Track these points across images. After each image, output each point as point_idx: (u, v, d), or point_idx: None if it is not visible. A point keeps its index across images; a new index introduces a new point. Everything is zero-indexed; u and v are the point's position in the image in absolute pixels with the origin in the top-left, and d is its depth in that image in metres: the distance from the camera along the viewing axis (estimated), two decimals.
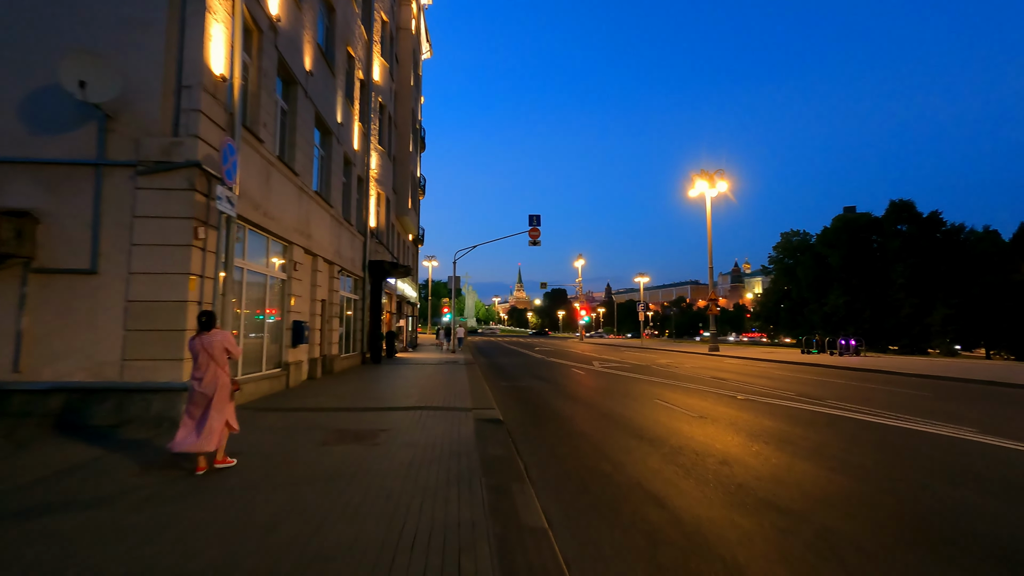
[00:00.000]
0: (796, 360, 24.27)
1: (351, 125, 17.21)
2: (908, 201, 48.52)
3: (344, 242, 16.33)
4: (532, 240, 27.83)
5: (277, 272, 10.97)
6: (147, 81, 7.14)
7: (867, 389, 13.60)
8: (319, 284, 13.60)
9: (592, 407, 10.12)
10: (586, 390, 12.96)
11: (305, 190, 12.17)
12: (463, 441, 6.49)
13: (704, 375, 17.01)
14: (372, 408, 8.85)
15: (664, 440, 7.14)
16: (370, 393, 10.86)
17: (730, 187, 31.44)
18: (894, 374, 17.90)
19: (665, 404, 10.43)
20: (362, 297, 19.01)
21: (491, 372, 18.00)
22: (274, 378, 10.53)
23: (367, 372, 15.58)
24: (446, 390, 11.40)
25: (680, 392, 12.40)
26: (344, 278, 17.19)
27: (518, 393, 12.32)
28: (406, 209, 28.39)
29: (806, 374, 18.02)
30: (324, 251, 13.88)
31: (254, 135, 9.23)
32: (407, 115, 28.78)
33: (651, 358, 26.79)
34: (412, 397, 10.22)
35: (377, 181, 21.10)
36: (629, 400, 11.02)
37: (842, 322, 46.67)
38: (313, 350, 13.29)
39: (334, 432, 6.83)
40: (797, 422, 8.62)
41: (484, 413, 8.58)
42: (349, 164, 17.27)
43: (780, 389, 13.15)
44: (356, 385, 12.21)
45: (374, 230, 20.61)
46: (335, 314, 15.21)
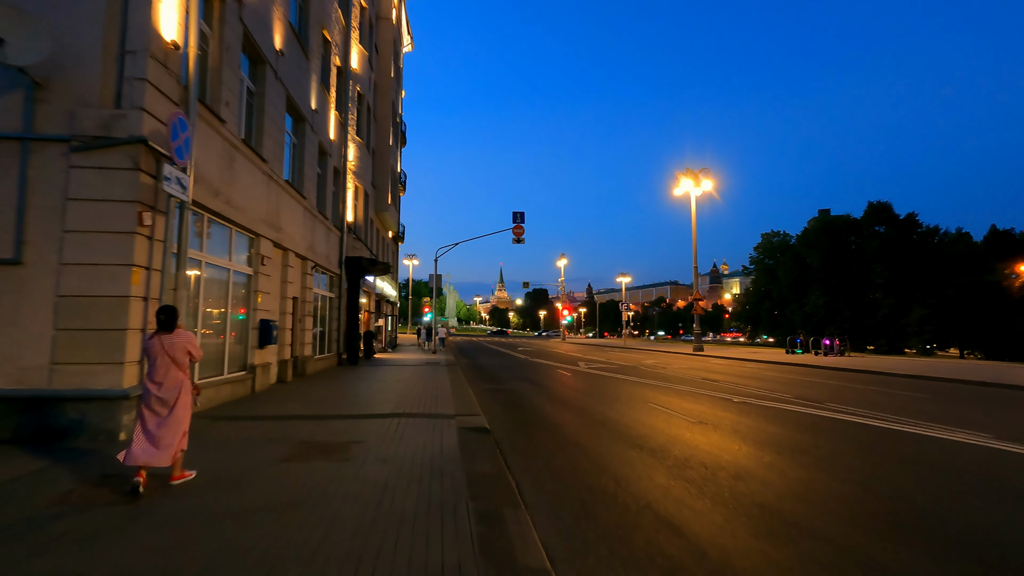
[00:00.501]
0: (782, 360, 24.08)
1: (327, 113, 16.29)
2: (886, 203, 49.26)
3: (319, 236, 15.41)
4: (516, 238, 27.15)
5: (242, 266, 10.06)
6: (84, 44, 6.24)
7: (863, 391, 13.25)
8: (290, 280, 12.69)
9: (584, 412, 9.47)
10: (575, 393, 12.32)
11: (275, 179, 11.27)
12: (446, 455, 5.76)
13: (693, 376, 16.54)
14: (344, 416, 8.05)
15: (667, 450, 6.51)
16: (344, 398, 10.04)
17: (715, 186, 31.25)
18: (883, 374, 17.70)
19: (660, 408, 9.84)
20: (338, 295, 18.08)
21: (474, 374, 17.27)
22: (237, 382, 9.63)
23: (343, 374, 14.70)
24: (427, 394, 10.64)
25: (673, 395, 11.84)
26: (319, 275, 16.26)
27: (504, 397, 11.62)
28: (386, 205, 27.44)
29: (796, 375, 17.71)
30: (296, 245, 12.98)
31: (214, 114, 8.35)
32: (387, 107, 27.83)
33: (636, 358, 26.34)
34: (389, 402, 9.43)
35: (355, 174, 20.16)
36: (621, 404, 10.41)
37: (822, 322, 47.09)
38: (283, 351, 12.39)
39: (299, 445, 6.03)
40: (803, 428, 8.09)
41: (468, 420, 7.86)
42: (324, 154, 16.34)
43: (774, 391, 12.71)
44: (329, 389, 11.36)
45: (351, 225, 19.67)
46: (308, 313, 14.30)
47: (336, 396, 10.26)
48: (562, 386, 13.80)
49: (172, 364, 4.55)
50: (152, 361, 4.54)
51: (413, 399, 9.89)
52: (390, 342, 32.64)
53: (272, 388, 11.05)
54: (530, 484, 5.13)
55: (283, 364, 12.31)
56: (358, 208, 21.37)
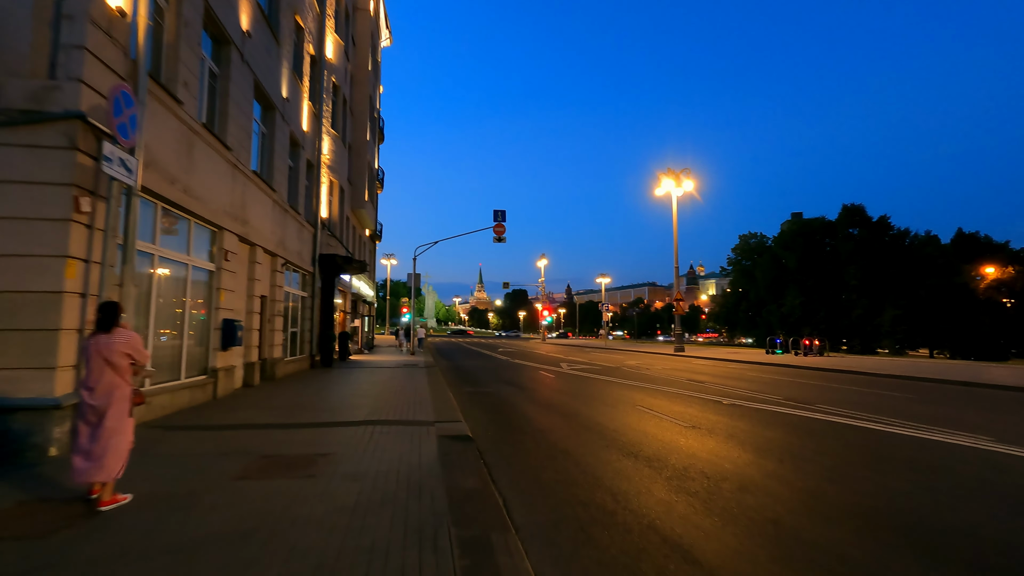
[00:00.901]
0: (763, 361, 24.06)
1: (299, 103, 15.51)
2: (859, 205, 50.24)
3: (290, 232, 14.63)
4: (497, 236, 26.59)
5: (203, 262, 9.30)
6: (12, 5, 5.49)
7: (849, 391, 13.08)
8: (258, 278, 11.92)
9: (571, 417, 8.98)
10: (560, 396, 11.84)
11: (241, 169, 10.51)
12: (425, 468, 5.20)
13: (678, 377, 16.24)
14: (313, 424, 7.39)
15: (663, 459, 6.06)
16: (314, 403, 9.35)
17: (696, 186, 31.23)
18: (866, 375, 17.69)
19: (650, 412, 9.42)
20: (311, 294, 17.27)
21: (454, 376, 16.66)
22: (197, 387, 8.87)
23: (315, 378, 13.95)
24: (404, 398, 10.02)
25: (661, 397, 11.46)
26: (290, 273, 15.47)
27: (485, 400, 11.07)
28: (362, 202, 26.61)
29: (780, 375, 17.57)
30: (264, 240, 12.21)
31: (170, 94, 7.61)
32: (364, 101, 27.01)
33: (618, 359, 26.06)
34: (363, 408, 8.79)
35: (330, 168, 19.36)
36: (609, 407, 9.96)
37: (799, 322, 47.75)
38: (250, 353, 11.61)
39: (259, 460, 5.38)
40: (799, 432, 7.75)
41: (449, 427, 7.29)
42: (297, 146, 15.55)
43: (762, 392, 12.44)
44: (299, 394, 10.64)
45: (326, 222, 18.87)
46: (278, 312, 13.51)
47: (306, 401, 9.57)
48: (546, 388, 13.31)
49: (107, 367, 3.97)
50: (87, 364, 3.98)
51: (389, 404, 9.27)
52: (367, 343, 31.74)
53: (237, 393, 10.28)
54: (519, 502, 4.61)
55: (250, 367, 11.53)
56: (333, 204, 20.56)
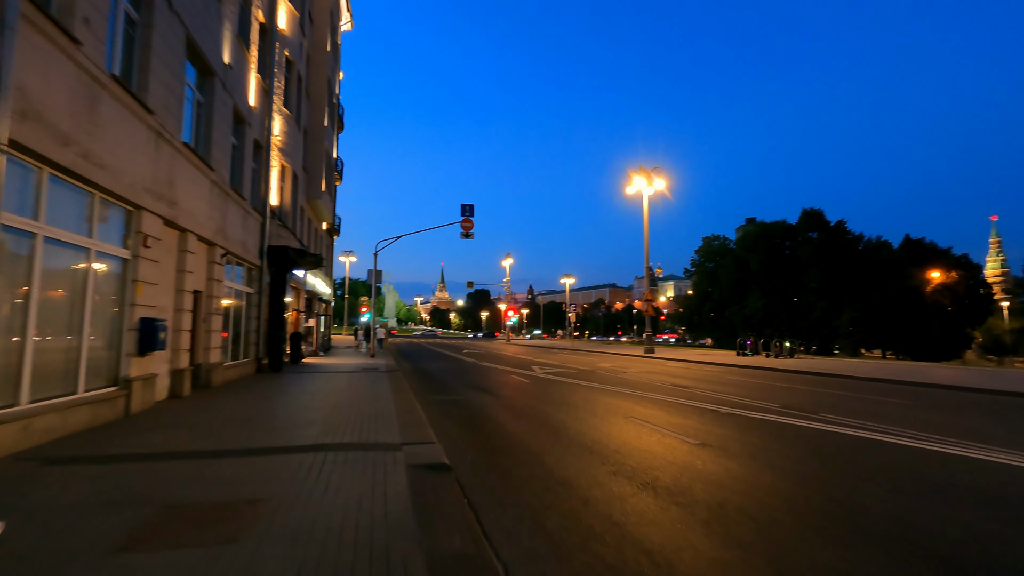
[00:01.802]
0: (737, 363, 23.63)
1: (245, 73, 13.70)
2: (818, 210, 51.53)
3: (232, 219, 12.83)
4: (464, 232, 25.20)
5: (112, 247, 7.57)
6: None
7: (843, 397, 12.45)
8: (190, 270, 10.16)
9: (560, 432, 7.76)
10: (541, 405, 10.61)
11: (167, 138, 8.79)
12: (393, 519, 3.84)
13: (659, 382, 15.34)
14: (247, 450, 5.87)
15: (687, 492, 4.92)
16: (254, 420, 7.76)
17: (667, 185, 30.76)
18: (845, 377, 17.30)
19: (647, 424, 8.33)
20: (258, 291, 15.43)
21: (419, 381, 15.20)
22: (103, 402, 7.15)
23: (261, 384, 12.22)
24: (364, 411, 8.56)
25: (651, 406, 10.42)
26: (233, 266, 13.65)
27: (458, 412, 9.72)
28: (319, 192, 24.67)
29: (762, 379, 16.96)
30: (199, 226, 10.46)
31: (64, 30, 5.93)
32: (322, 84, 25.09)
33: (590, 361, 25.13)
34: (314, 425, 7.30)
35: (282, 151, 17.50)
36: (599, 419, 8.81)
37: (761, 324, 48.46)
38: (179, 358, 9.85)
39: (160, 513, 3.89)
40: (826, 451, 6.80)
41: (421, 452, 5.93)
42: (242, 122, 13.74)
43: (754, 398, 11.62)
44: (237, 406, 8.99)
45: (276, 210, 17.02)
46: (217, 310, 11.73)
47: (244, 417, 7.96)
48: (523, 395, 12.07)
49: None
50: None
51: (347, 419, 7.80)
52: (323, 344, 29.68)
53: (159, 408, 8.55)
54: (527, 572, 3.33)
55: (178, 374, 9.77)
56: (285, 191, 18.69)
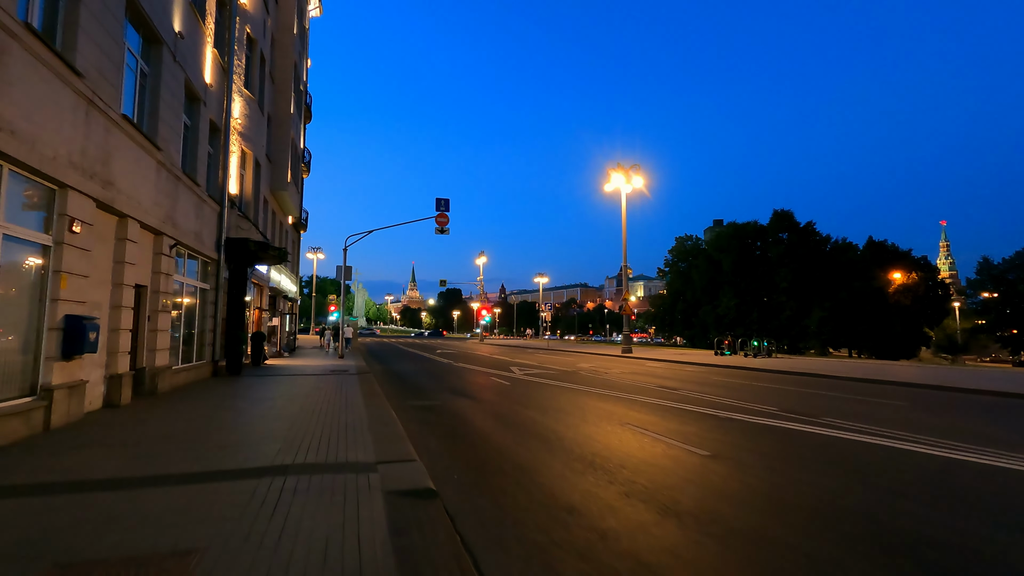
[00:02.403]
0: (717, 363, 23.34)
1: (200, 46, 12.43)
2: (788, 211, 52.44)
3: (184, 207, 11.57)
4: (439, 227, 24.19)
5: (28, 231, 6.39)
6: None
7: (836, 399, 12.06)
8: (131, 261, 8.94)
9: (554, 444, 6.96)
10: (527, 411, 9.79)
11: (100, 107, 7.60)
12: (369, 571, 2.95)
13: (645, 383, 14.74)
14: (187, 476, 4.84)
15: (719, 518, 4.18)
16: (202, 434, 6.68)
17: (645, 183, 30.40)
18: (831, 378, 17.04)
19: (647, 433, 7.61)
20: (215, 286, 14.12)
21: (393, 384, 14.19)
22: (13, 416, 5.97)
23: (215, 390, 11.03)
24: (332, 421, 7.56)
25: (644, 410, 9.74)
26: (186, 259, 12.38)
27: (438, 420, 8.81)
28: (284, 183, 23.25)
29: (749, 380, 16.57)
30: (142, 212, 9.24)
31: None
32: (288, 68, 23.66)
33: (568, 361, 24.49)
34: (273, 440, 6.29)
35: (243, 136, 16.18)
36: (593, 427, 8.05)
37: (733, 323, 48.92)
38: (116, 362, 8.62)
39: (52, 574, 2.90)
40: (849, 462, 6.20)
41: (400, 473, 5.03)
42: (196, 100, 12.46)
43: (750, 401, 11.10)
44: (184, 418, 7.84)
45: (236, 199, 15.69)
46: (164, 307, 10.49)
47: (190, 430, 6.87)
48: (506, 400, 11.22)
49: None
50: None
51: (312, 431, 6.80)
52: (288, 345, 28.18)
53: (89, 420, 7.37)
54: None
55: (115, 380, 8.55)
56: (246, 180, 17.33)
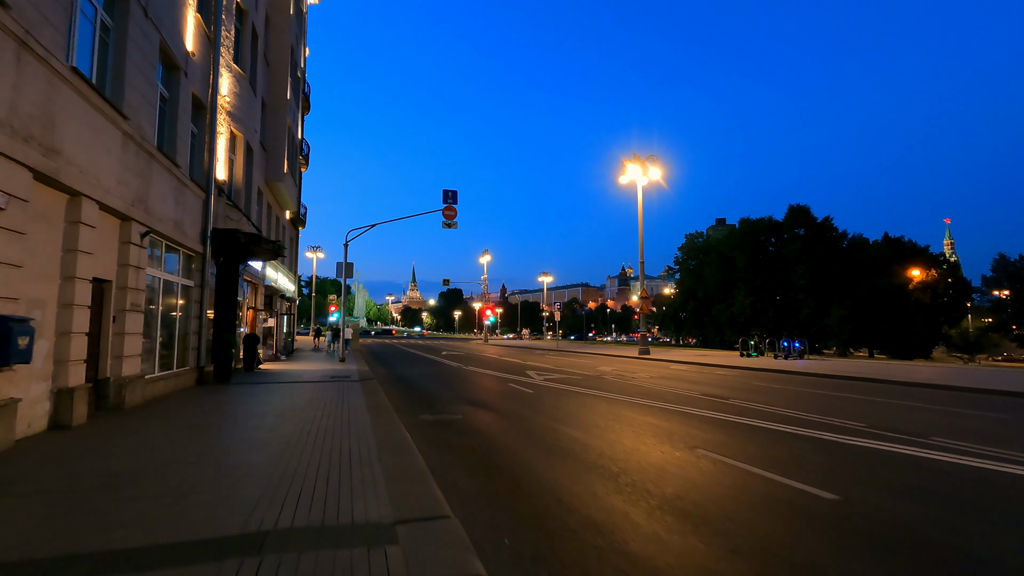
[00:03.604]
0: (746, 365, 21.64)
1: (179, 7, 10.82)
2: (805, 206, 50.69)
3: (161, 190, 9.97)
4: (447, 221, 22.57)
5: None
6: None
7: (925, 411, 10.43)
8: (87, 250, 7.33)
9: (620, 480, 5.32)
10: (563, 427, 8.14)
11: (36, 52, 5.99)
12: None
13: (684, 391, 13.11)
14: (110, 557, 3.19)
15: None
16: (158, 473, 5.02)
17: (663, 174, 28.78)
18: (895, 383, 15.23)
19: (725, 460, 5.98)
20: (200, 283, 12.52)
21: (400, 393, 12.58)
22: None
23: (196, 403, 9.41)
24: (332, 446, 5.93)
25: (706, 428, 8.11)
26: (167, 253, 10.79)
27: (461, 442, 7.18)
28: (281, 173, 21.64)
29: (795, 385, 14.92)
30: (102, 191, 7.63)
31: None
32: (284, 52, 22.07)
33: (585, 364, 22.87)
34: (253, 482, 4.64)
35: (232, 116, 14.58)
36: (657, 452, 6.43)
37: (748, 322, 47.29)
38: (66, 372, 7.00)
39: None
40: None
41: (429, 544, 3.40)
42: (175, 68, 10.87)
43: (823, 415, 9.47)
44: (144, 444, 6.19)
45: (224, 186, 14.08)
46: (135, 306, 8.89)
47: (148, 464, 5.23)
48: (534, 413, 9.59)
49: None
50: None
51: (306, 464, 5.17)
52: (285, 347, 26.55)
53: (21, 448, 5.74)
54: None
55: (65, 395, 6.93)
56: (236, 166, 15.73)
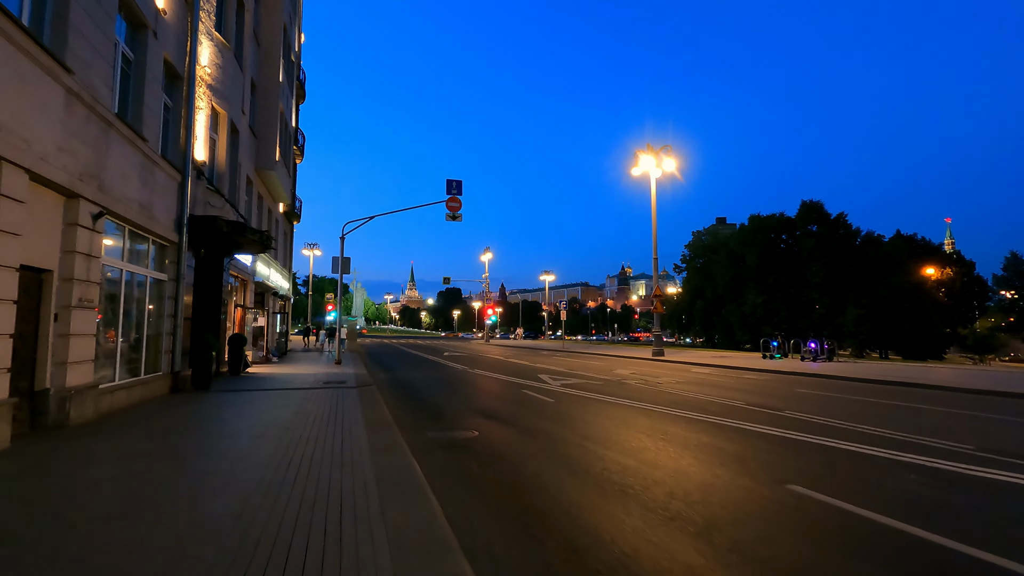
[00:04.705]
0: (774, 368, 20.05)
1: None
2: (818, 202, 49.14)
3: (120, 164, 8.43)
4: (451, 213, 21.06)
5: None
6: None
7: (1007, 424, 8.96)
8: (12, 230, 5.80)
9: (711, 540, 3.81)
10: (606, 451, 6.62)
11: None
12: None
13: (723, 399, 11.60)
14: None
15: None
16: (70, 539, 3.47)
17: (677, 166, 27.28)
18: (951, 390, 13.65)
19: (848, 510, 4.49)
20: (175, 277, 11.00)
21: (403, 402, 11.06)
22: None
23: (161, 420, 7.89)
24: (317, 493, 4.38)
25: (785, 452, 6.61)
26: (132, 242, 9.27)
27: (483, 472, 5.64)
28: (272, 161, 20.09)
29: (840, 391, 13.37)
30: (34, 158, 6.10)
31: None
32: (276, 31, 20.52)
33: (600, 367, 21.36)
34: (207, 548, 3.12)
35: (214, 91, 13.03)
36: (742, 490, 4.93)
37: (760, 322, 45.84)
38: None
39: None
40: None
41: None
42: (141, 26, 9.34)
43: (909, 432, 7.95)
44: (59, 488, 4.64)
45: (203, 168, 12.52)
46: (82, 301, 7.36)
47: (61, 522, 3.71)
48: (564, 430, 8.06)
49: None
50: None
51: (275, 528, 3.64)
52: (277, 348, 25.02)
53: None
54: None
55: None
56: (219, 147, 14.17)
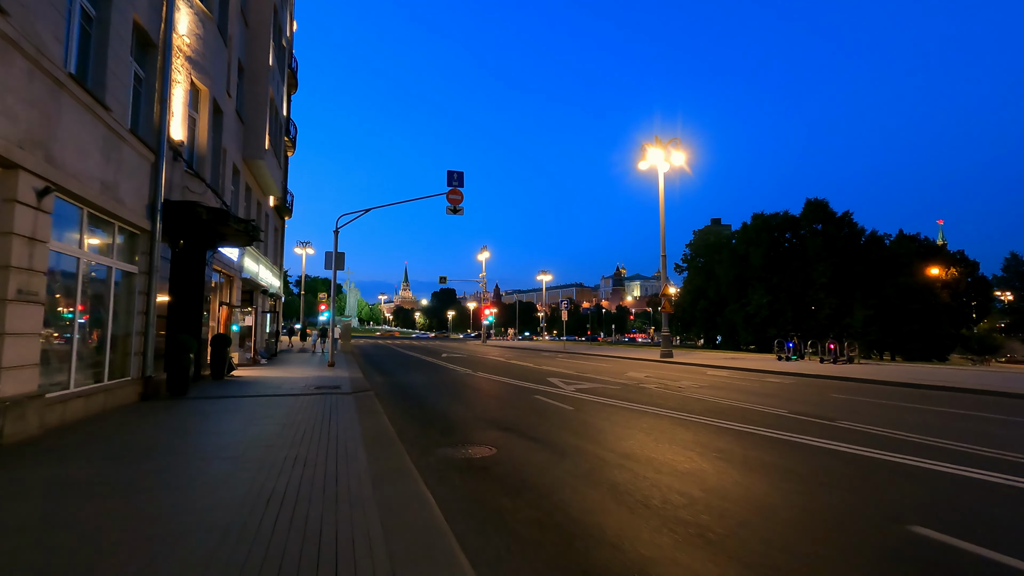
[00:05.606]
0: (796, 371, 18.89)
1: None
2: (823, 201, 48.24)
3: (76, 134, 7.20)
4: (452, 206, 19.81)
5: None
6: None
7: None
8: None
9: None
10: (650, 472, 5.46)
11: None
12: None
13: (765, 408, 10.47)
14: None
15: None
16: None
17: (686, 159, 26.21)
18: (978, 392, 12.74)
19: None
20: (147, 270, 9.74)
21: (405, 410, 9.85)
22: None
23: (118, 436, 6.64)
24: (300, 542, 3.20)
25: (881, 477, 5.48)
26: (93, 226, 8.02)
27: (511, 503, 4.45)
28: (261, 150, 18.82)
29: (881, 397, 12.24)
30: None
31: None
32: (266, 12, 19.28)
33: (610, 369, 20.21)
34: None
35: (194, 64, 11.78)
36: (852, 530, 3.78)
37: (765, 323, 44.89)
38: None
39: None
40: None
41: None
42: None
43: (979, 445, 6.86)
44: None
45: (180, 148, 11.26)
46: (23, 294, 6.12)
47: None
48: (593, 445, 6.89)
49: None
50: None
51: None
52: (267, 350, 23.69)
53: None
54: None
55: None
56: (199, 126, 12.90)
